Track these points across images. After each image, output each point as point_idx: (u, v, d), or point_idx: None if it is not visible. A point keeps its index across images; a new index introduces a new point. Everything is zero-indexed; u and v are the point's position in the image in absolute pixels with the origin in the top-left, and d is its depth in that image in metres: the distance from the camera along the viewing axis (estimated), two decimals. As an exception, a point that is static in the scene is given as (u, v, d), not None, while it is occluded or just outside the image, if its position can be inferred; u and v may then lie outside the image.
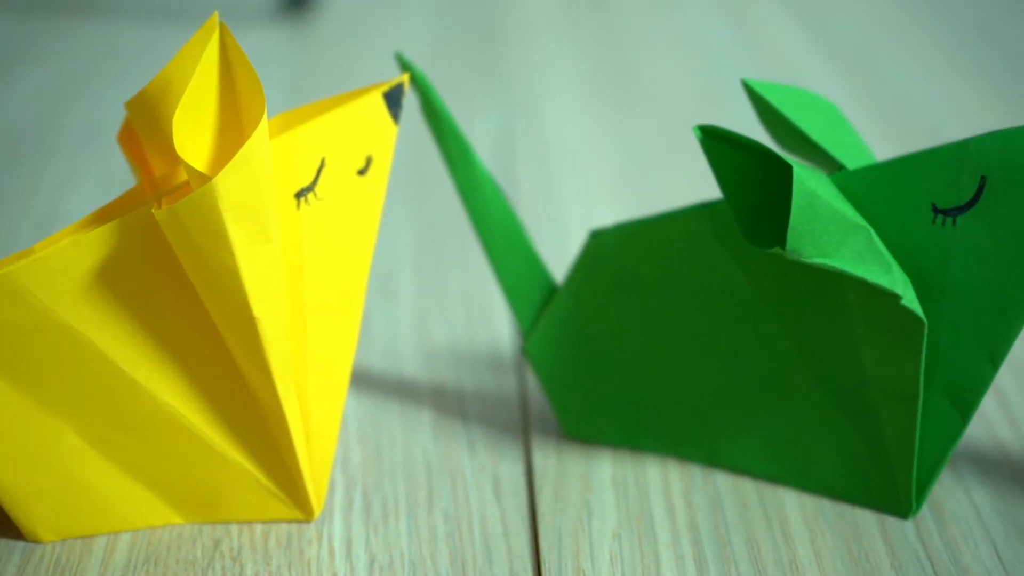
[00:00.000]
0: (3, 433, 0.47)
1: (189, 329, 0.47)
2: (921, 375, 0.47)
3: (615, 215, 0.72)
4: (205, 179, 0.42)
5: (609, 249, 0.52)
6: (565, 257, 0.67)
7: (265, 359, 0.46)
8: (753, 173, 0.46)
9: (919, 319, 0.46)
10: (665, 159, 0.81)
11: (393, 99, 0.49)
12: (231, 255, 0.43)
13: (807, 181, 0.43)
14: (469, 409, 0.57)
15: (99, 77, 0.95)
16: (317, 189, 0.48)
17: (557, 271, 0.64)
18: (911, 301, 0.46)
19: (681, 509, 0.51)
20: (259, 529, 0.50)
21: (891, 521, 0.50)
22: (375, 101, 0.49)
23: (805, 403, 0.51)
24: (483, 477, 0.53)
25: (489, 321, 0.64)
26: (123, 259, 0.45)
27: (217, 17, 0.46)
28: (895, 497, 0.50)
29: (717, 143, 0.46)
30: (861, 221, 0.45)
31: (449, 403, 0.57)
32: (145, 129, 0.49)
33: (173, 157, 0.48)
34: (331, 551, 0.49)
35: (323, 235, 0.48)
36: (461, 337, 0.62)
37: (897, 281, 0.46)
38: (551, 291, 0.55)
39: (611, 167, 0.81)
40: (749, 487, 0.52)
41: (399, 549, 0.49)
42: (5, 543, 0.50)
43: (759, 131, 0.73)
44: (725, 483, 0.52)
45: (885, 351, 0.48)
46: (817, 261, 0.44)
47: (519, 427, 0.56)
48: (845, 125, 0.50)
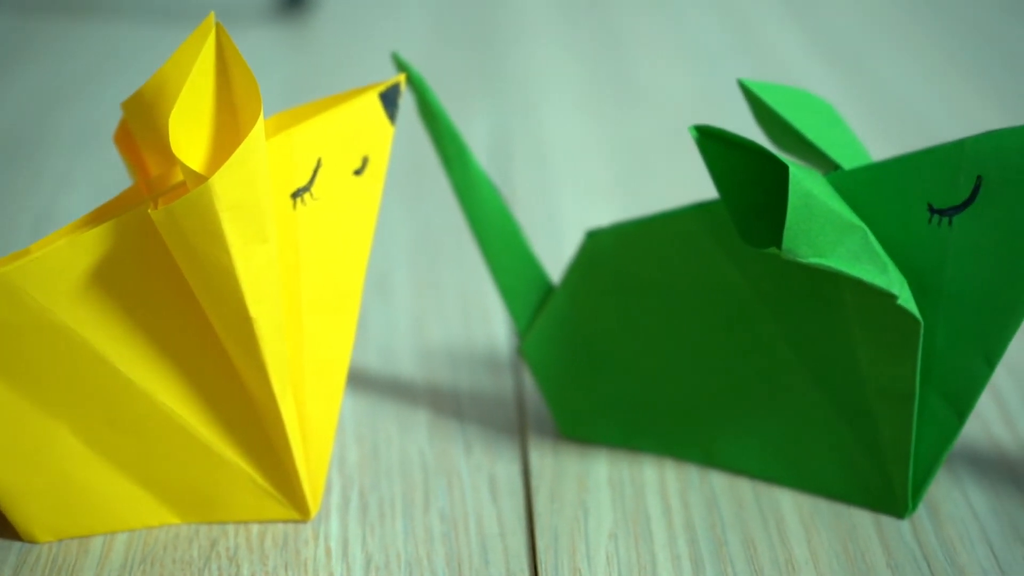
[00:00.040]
0: (-1, 433, 0.47)
1: (185, 329, 0.47)
2: (917, 375, 0.47)
3: (611, 215, 0.72)
4: (201, 179, 0.42)
5: (605, 249, 0.52)
6: (561, 257, 0.67)
7: (261, 359, 0.46)
8: (749, 173, 0.46)
9: (915, 319, 0.46)
10: (661, 159, 0.81)
11: (389, 99, 0.49)
12: (227, 255, 0.43)
13: (803, 181, 0.43)
14: (465, 409, 0.57)
15: (96, 77, 0.95)
16: (313, 189, 0.48)
17: (553, 271, 0.64)
18: (907, 301, 0.46)
19: (677, 509, 0.51)
20: (255, 529, 0.50)
21: (887, 521, 0.50)
22: (371, 101, 0.49)
23: (801, 403, 0.51)
24: (479, 477, 0.53)
25: (485, 321, 0.64)
26: (119, 259, 0.45)
27: (213, 17, 0.46)
28: (891, 497, 0.50)
29: (713, 143, 0.46)
30: (857, 221, 0.45)
31: (445, 403, 0.57)
32: (141, 129, 0.49)
33: (169, 157, 0.48)
34: (327, 551, 0.49)
35: (319, 235, 0.48)
36: (457, 337, 0.62)
37: (893, 281, 0.46)
38: (547, 291, 0.55)
39: (607, 167, 0.81)
40: (745, 487, 0.52)
41: (395, 549, 0.49)
42: (1, 543, 0.50)
43: (755, 131, 0.73)
44: (721, 483, 0.52)
45: (881, 351, 0.48)
46: (813, 261, 0.44)
47: (515, 427, 0.56)
48: (841, 125, 0.50)
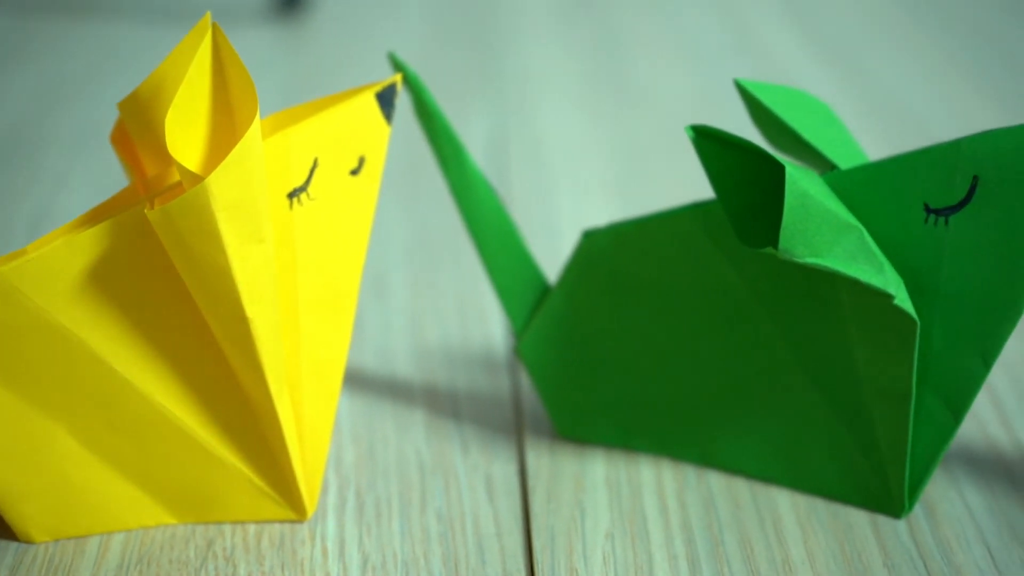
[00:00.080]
0: (-4, 434, 0.47)
1: (182, 330, 0.47)
2: (914, 375, 0.47)
3: (608, 215, 0.72)
4: (198, 179, 0.42)
5: (602, 249, 0.52)
6: (558, 257, 0.67)
7: (258, 359, 0.46)
8: (746, 173, 0.46)
9: (912, 319, 0.46)
10: (658, 159, 0.81)
11: (386, 99, 0.49)
12: (224, 255, 0.43)
13: (800, 181, 0.43)
14: (462, 409, 0.57)
15: (95, 77, 0.95)
16: (310, 189, 0.48)
17: (550, 271, 0.64)
18: (903, 301, 0.46)
19: (674, 509, 0.51)
20: (252, 529, 0.50)
21: (884, 521, 0.50)
22: (368, 101, 0.49)
23: (798, 403, 0.51)
24: (476, 477, 0.53)
25: (482, 321, 0.64)
26: (116, 260, 0.45)
27: (210, 17, 0.46)
28: (888, 497, 0.50)
29: (710, 143, 0.46)
30: (853, 221, 0.45)
31: (442, 403, 0.57)
32: (138, 129, 0.48)
33: (166, 157, 0.48)
34: (324, 551, 0.49)
35: (316, 235, 0.48)
36: (454, 337, 0.62)
37: (889, 281, 0.46)
38: (544, 291, 0.55)
39: (604, 167, 0.81)
40: (742, 487, 0.52)
41: (392, 549, 0.49)
42: (-2, 544, 0.50)
43: (752, 131, 0.73)
44: (718, 483, 0.52)
45: (878, 351, 0.48)
46: (810, 261, 0.44)
47: (512, 427, 0.56)
48: (838, 125, 0.50)
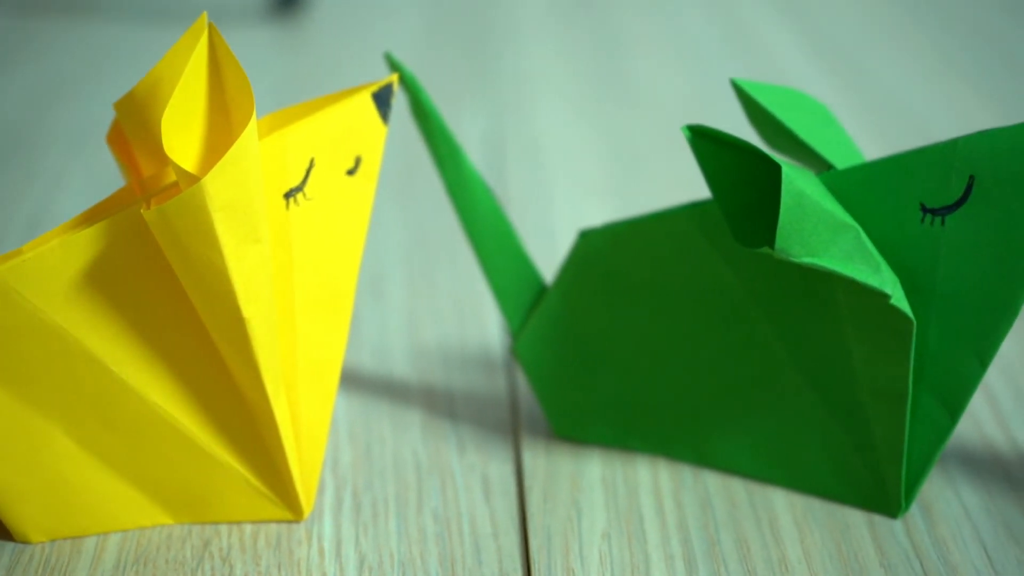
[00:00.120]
0: (-8, 434, 0.47)
1: (178, 330, 0.47)
2: (910, 374, 0.47)
3: (605, 215, 0.72)
4: (194, 179, 0.42)
5: (598, 249, 0.52)
6: (555, 257, 0.67)
7: (254, 359, 0.46)
8: (742, 173, 0.46)
9: (908, 318, 0.46)
10: (654, 159, 0.81)
11: (382, 99, 0.49)
12: (220, 255, 0.43)
13: (796, 180, 0.43)
14: (459, 409, 0.57)
15: (93, 77, 0.95)
16: (306, 189, 0.48)
17: (547, 271, 0.64)
18: (900, 300, 0.46)
19: (671, 509, 0.51)
20: (249, 529, 0.50)
21: (880, 520, 0.50)
22: (364, 101, 0.49)
23: (795, 402, 0.51)
24: (472, 477, 0.53)
25: (479, 321, 0.64)
26: (112, 260, 0.45)
27: (206, 17, 0.46)
28: (884, 496, 0.50)
29: (706, 143, 0.46)
30: (850, 220, 0.45)
31: (439, 403, 0.57)
32: (134, 129, 0.48)
33: (162, 157, 0.48)
34: (321, 551, 0.49)
35: (312, 235, 0.48)
36: (451, 337, 0.62)
37: (886, 280, 0.46)
38: (540, 291, 0.55)
39: (601, 167, 0.81)
40: (739, 487, 0.52)
41: (389, 549, 0.49)
42: (-6, 544, 0.50)
43: (748, 131, 0.73)
44: (715, 483, 0.52)
45: (874, 350, 0.48)
46: (806, 261, 0.44)
47: (509, 427, 0.56)
48: (834, 125, 0.50)
